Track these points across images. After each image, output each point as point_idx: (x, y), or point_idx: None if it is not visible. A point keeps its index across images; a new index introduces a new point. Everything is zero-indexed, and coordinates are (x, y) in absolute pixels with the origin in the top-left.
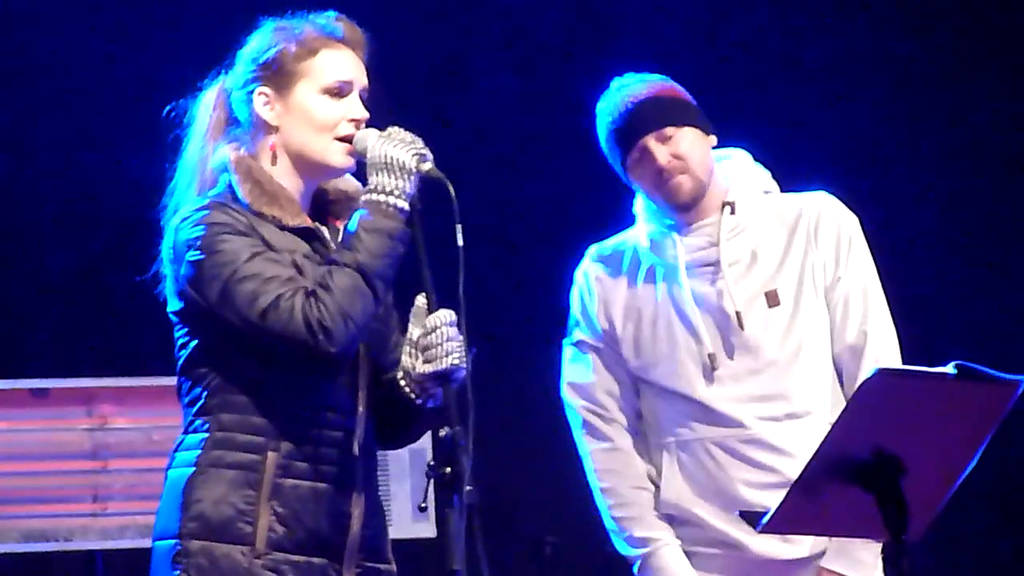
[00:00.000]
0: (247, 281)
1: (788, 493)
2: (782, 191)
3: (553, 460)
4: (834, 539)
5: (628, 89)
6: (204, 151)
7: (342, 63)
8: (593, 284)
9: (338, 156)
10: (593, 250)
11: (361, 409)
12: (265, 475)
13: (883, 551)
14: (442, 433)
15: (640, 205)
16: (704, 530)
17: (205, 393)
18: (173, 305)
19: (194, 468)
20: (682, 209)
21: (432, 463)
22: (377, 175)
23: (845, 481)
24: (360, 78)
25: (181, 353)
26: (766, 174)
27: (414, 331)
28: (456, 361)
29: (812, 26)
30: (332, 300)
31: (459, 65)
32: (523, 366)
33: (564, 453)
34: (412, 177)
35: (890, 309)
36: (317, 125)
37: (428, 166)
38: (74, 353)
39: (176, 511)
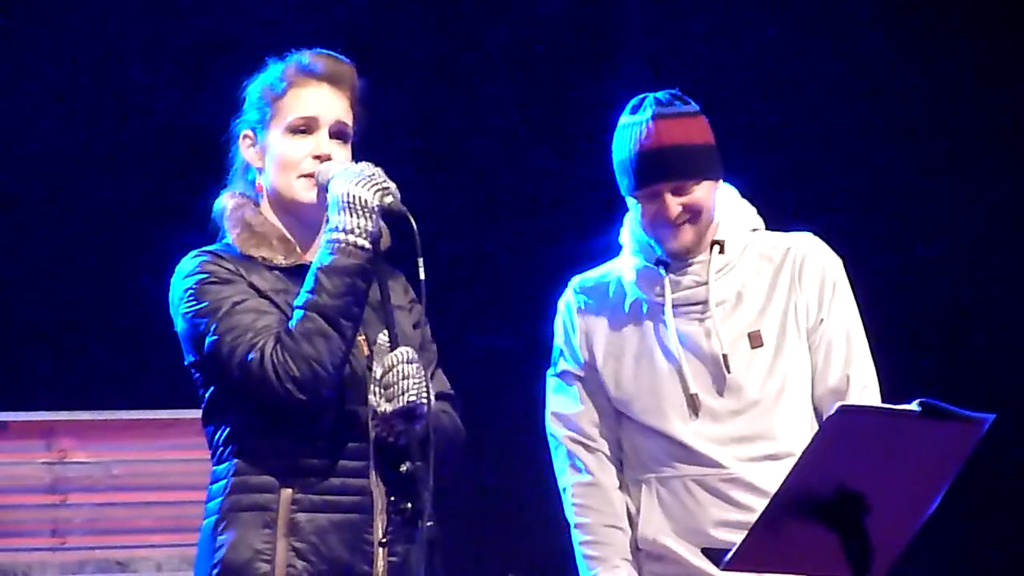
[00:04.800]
0: (225, 335)
1: (751, 530)
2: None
3: (516, 495)
4: None
5: (663, 121)
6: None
7: (308, 100)
8: (575, 316)
9: (303, 191)
10: (576, 281)
11: (373, 438)
12: (280, 512)
13: None
14: (403, 468)
15: (627, 235)
16: (681, 566)
17: (222, 441)
18: (185, 356)
19: (217, 515)
20: (675, 257)
21: (393, 498)
22: (338, 214)
23: (808, 519)
24: (329, 113)
25: (202, 404)
26: (752, 211)
27: (377, 370)
28: (413, 398)
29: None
30: (295, 347)
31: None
32: (493, 399)
33: (527, 488)
34: (373, 214)
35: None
36: (281, 164)
37: (390, 200)
38: (33, 387)
39: (204, 560)
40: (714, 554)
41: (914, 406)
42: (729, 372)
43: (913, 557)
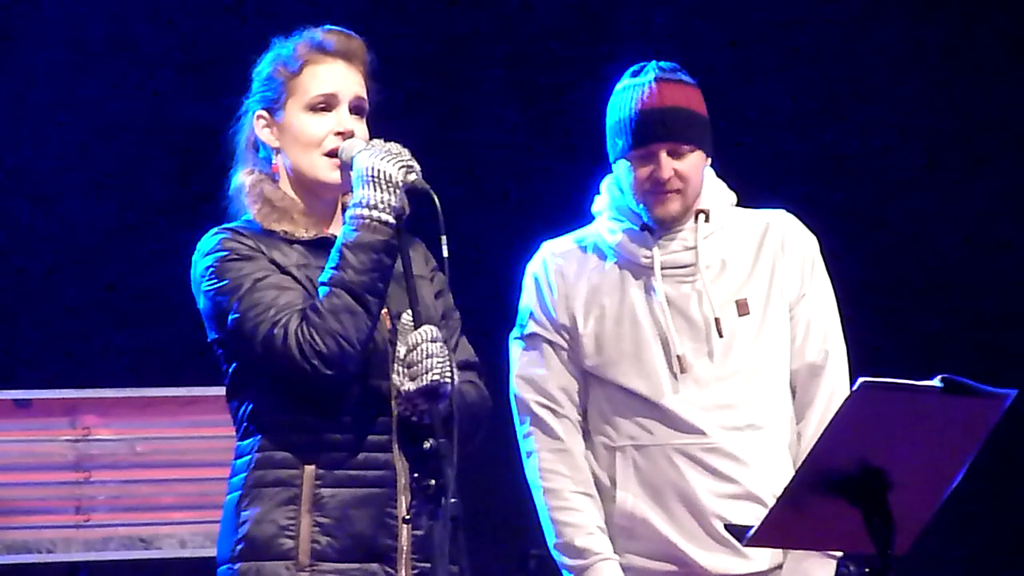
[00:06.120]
0: (247, 312)
1: (774, 507)
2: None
3: None
4: (789, 555)
5: (666, 84)
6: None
7: (326, 76)
8: (554, 278)
9: (327, 171)
10: (549, 246)
11: (396, 413)
12: (304, 488)
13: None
14: (426, 445)
15: (605, 202)
16: (654, 543)
17: (246, 417)
18: (208, 334)
19: (240, 491)
20: (660, 225)
21: (416, 475)
22: (363, 188)
23: (831, 494)
24: (347, 89)
25: (226, 380)
26: (725, 187)
27: (400, 349)
28: (437, 377)
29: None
30: (322, 323)
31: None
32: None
33: None
34: (398, 190)
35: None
36: (304, 142)
37: (414, 177)
38: (57, 364)
39: (228, 536)
40: (737, 530)
41: (936, 382)
42: (721, 336)
43: (936, 533)
